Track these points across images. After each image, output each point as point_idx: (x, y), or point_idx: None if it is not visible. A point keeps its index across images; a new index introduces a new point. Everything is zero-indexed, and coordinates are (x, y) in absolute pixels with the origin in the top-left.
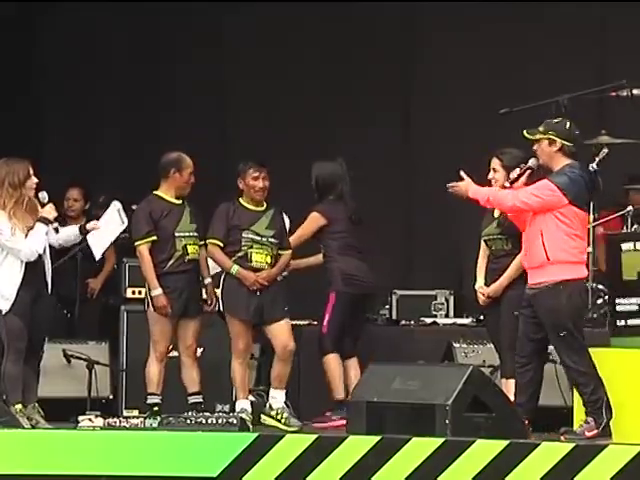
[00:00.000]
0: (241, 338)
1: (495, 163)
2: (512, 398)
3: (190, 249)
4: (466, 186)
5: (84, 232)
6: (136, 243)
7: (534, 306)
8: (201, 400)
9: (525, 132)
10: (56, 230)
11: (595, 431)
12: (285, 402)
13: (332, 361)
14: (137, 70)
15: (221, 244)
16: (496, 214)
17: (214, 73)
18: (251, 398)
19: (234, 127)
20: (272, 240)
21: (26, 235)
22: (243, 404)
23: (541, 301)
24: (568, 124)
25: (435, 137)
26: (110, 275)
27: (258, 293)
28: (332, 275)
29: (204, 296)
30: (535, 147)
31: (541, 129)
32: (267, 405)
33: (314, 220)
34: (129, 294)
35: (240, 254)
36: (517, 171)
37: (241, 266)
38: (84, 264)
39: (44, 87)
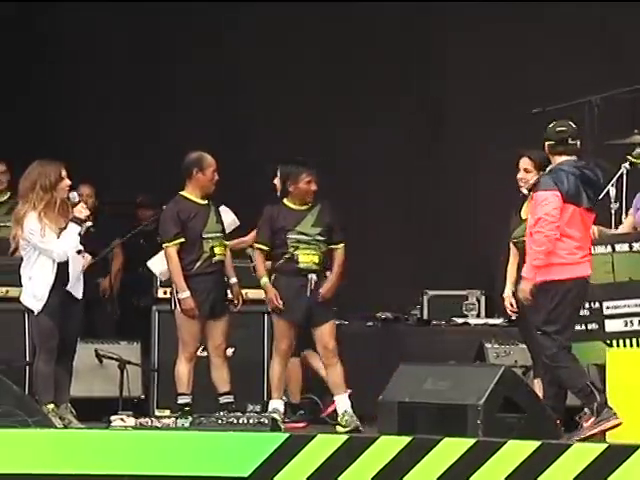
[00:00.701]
0: (284, 338)
1: (527, 163)
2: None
3: (217, 250)
4: (520, 287)
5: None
6: (164, 245)
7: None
8: (232, 400)
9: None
10: (88, 229)
11: (592, 418)
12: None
13: (312, 355)
14: (137, 70)
15: (266, 248)
16: (524, 215)
17: (214, 73)
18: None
19: (234, 126)
20: (319, 238)
21: (58, 236)
22: (276, 404)
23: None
24: (553, 123)
25: (466, 136)
26: (119, 274)
27: (309, 294)
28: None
29: (229, 296)
30: None
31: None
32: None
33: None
34: (160, 294)
35: (287, 256)
36: (535, 178)
37: (287, 269)
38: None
39: (44, 87)
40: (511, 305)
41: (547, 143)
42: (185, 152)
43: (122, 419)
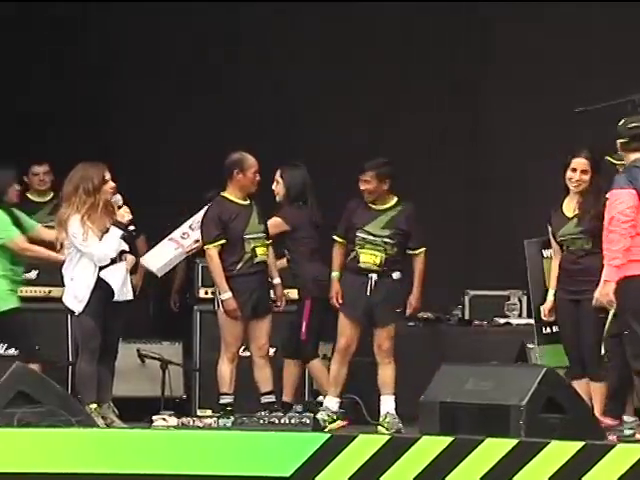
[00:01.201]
0: (343, 336)
1: (585, 165)
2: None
3: (259, 250)
4: (602, 292)
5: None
6: (206, 247)
7: None
8: (274, 400)
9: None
10: (131, 233)
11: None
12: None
13: (317, 365)
14: (138, 70)
15: (340, 240)
16: (569, 213)
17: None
18: (322, 398)
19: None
20: (387, 240)
21: (100, 238)
22: (328, 402)
23: None
24: (624, 120)
25: (504, 135)
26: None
27: (369, 294)
28: (303, 281)
29: (272, 296)
30: None
31: None
32: (386, 414)
33: (277, 225)
34: (202, 294)
35: (353, 254)
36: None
37: (351, 267)
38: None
39: (44, 87)
40: (549, 313)
41: (619, 141)
42: (227, 150)
43: (164, 419)
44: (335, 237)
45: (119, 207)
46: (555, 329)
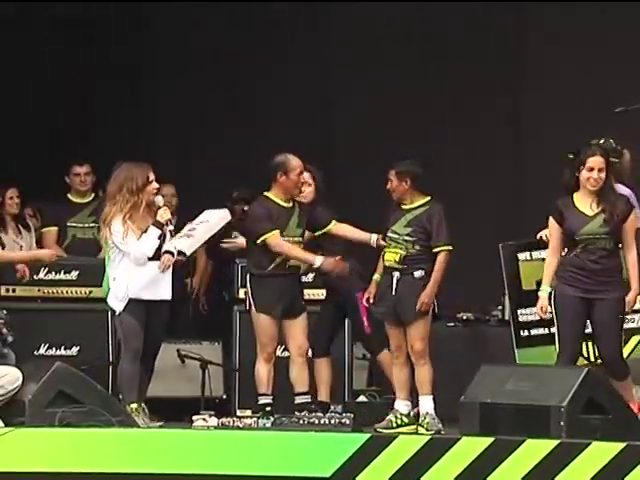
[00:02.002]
0: (390, 338)
1: (602, 163)
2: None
3: None
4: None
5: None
6: (263, 237)
7: None
8: (309, 400)
9: None
10: (171, 233)
11: None
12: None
13: (387, 357)
14: (139, 70)
15: (384, 243)
16: (588, 211)
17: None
18: (362, 398)
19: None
20: (407, 238)
21: (139, 238)
22: (396, 404)
23: None
24: None
25: (546, 138)
26: (205, 272)
27: (394, 293)
28: (347, 277)
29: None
30: None
31: None
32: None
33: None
34: (241, 294)
35: (383, 254)
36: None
37: (383, 266)
38: (189, 265)
39: (45, 87)
40: (542, 309)
41: None
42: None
43: (204, 419)
44: (381, 242)
45: (159, 208)
46: (534, 332)
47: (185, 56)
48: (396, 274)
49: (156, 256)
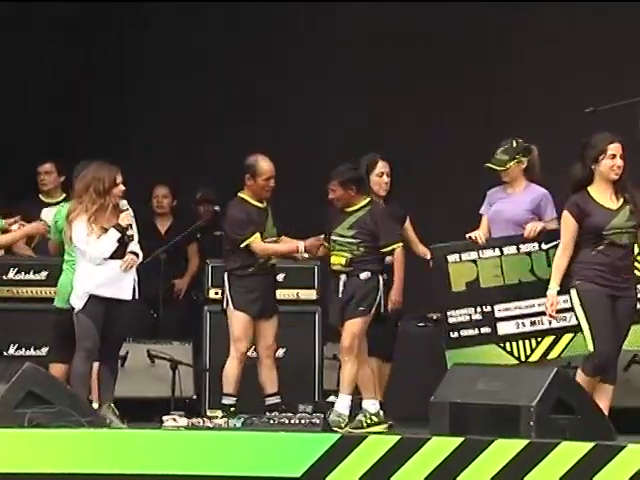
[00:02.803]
0: (343, 336)
1: (621, 149)
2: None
3: None
4: None
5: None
6: (246, 242)
7: None
8: (279, 401)
9: None
10: (131, 237)
11: None
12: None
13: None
14: (140, 69)
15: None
16: (610, 205)
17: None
18: (333, 398)
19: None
20: (352, 240)
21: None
22: (365, 404)
23: None
24: None
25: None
26: (196, 275)
27: (340, 295)
28: None
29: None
30: None
31: None
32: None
33: None
34: (212, 295)
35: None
36: None
37: (329, 270)
38: (168, 265)
39: (45, 87)
40: (554, 307)
41: None
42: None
43: (174, 419)
44: (327, 245)
45: (122, 211)
46: (463, 333)
47: (183, 55)
48: (343, 277)
49: (118, 255)
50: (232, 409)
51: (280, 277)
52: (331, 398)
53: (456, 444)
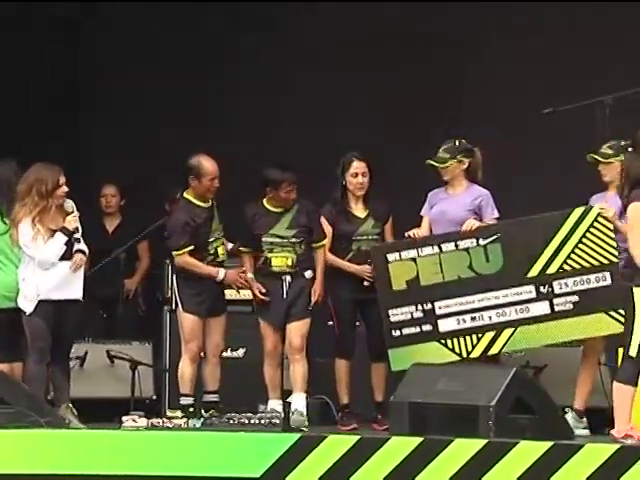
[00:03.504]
0: (269, 339)
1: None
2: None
3: (220, 250)
4: None
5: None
6: (174, 253)
7: None
8: (218, 400)
9: None
10: (78, 240)
11: None
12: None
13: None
14: (141, 70)
15: (246, 250)
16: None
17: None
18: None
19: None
20: (294, 240)
21: (46, 243)
22: (273, 404)
23: None
24: None
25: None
26: (146, 275)
27: (285, 296)
28: None
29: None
30: None
31: None
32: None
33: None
34: (170, 294)
35: (262, 259)
36: None
37: (263, 272)
38: (127, 265)
39: (45, 87)
40: None
41: None
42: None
43: (134, 420)
44: (242, 249)
45: (68, 213)
46: (405, 331)
47: (83, 54)
48: (287, 278)
49: (66, 256)
50: (191, 409)
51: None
52: (290, 398)
53: (415, 444)
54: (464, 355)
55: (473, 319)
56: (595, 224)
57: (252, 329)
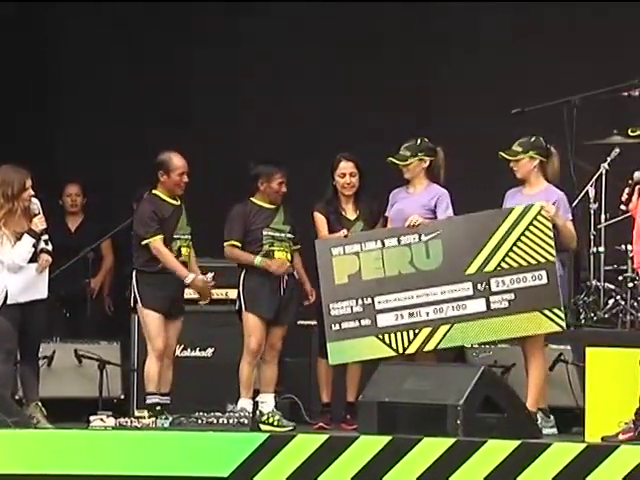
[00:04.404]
0: (254, 336)
1: None
2: None
3: (183, 251)
4: None
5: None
6: (147, 240)
7: None
8: (169, 402)
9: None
10: (46, 242)
11: (630, 434)
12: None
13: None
14: (143, 70)
15: (240, 244)
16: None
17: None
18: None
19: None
20: (289, 235)
21: (14, 245)
22: (244, 403)
23: None
24: None
25: (450, 138)
26: (109, 273)
27: (282, 293)
28: None
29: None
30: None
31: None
32: (258, 411)
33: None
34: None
35: (262, 253)
36: (626, 191)
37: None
38: (95, 264)
39: (45, 87)
40: None
41: None
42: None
43: (102, 419)
44: (236, 243)
45: (34, 215)
46: (344, 325)
47: (104, 51)
48: (285, 275)
49: (33, 258)
50: (157, 408)
51: (209, 276)
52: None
53: (384, 443)
54: (400, 351)
55: (411, 315)
56: (534, 222)
57: (221, 328)
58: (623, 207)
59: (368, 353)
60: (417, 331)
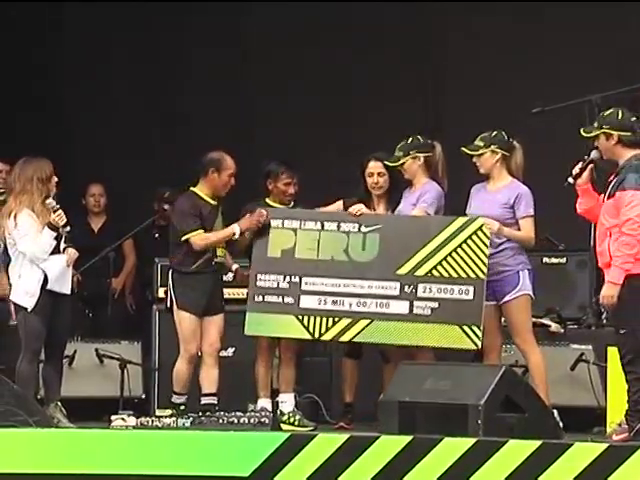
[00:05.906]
0: (263, 337)
1: None
2: None
3: (219, 252)
4: (608, 293)
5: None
6: (188, 235)
7: None
8: (215, 402)
9: (582, 131)
10: (66, 237)
11: (624, 435)
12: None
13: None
14: (145, 70)
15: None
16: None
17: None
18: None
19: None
20: None
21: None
22: (263, 403)
23: None
24: (619, 112)
25: (466, 137)
26: (131, 273)
27: None
28: None
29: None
30: (596, 144)
31: (595, 124)
32: (278, 411)
33: None
34: (161, 294)
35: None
36: (579, 165)
37: None
38: (116, 264)
39: (45, 87)
40: None
41: (620, 134)
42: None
43: (123, 419)
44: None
45: (54, 211)
46: (268, 299)
47: (103, 51)
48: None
49: (54, 251)
50: (182, 407)
51: (229, 276)
52: (278, 397)
53: (404, 443)
54: (316, 335)
55: (334, 302)
56: (473, 237)
57: (240, 327)
58: (571, 180)
59: (285, 331)
60: (336, 319)
